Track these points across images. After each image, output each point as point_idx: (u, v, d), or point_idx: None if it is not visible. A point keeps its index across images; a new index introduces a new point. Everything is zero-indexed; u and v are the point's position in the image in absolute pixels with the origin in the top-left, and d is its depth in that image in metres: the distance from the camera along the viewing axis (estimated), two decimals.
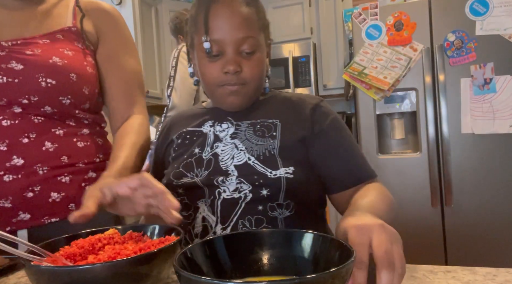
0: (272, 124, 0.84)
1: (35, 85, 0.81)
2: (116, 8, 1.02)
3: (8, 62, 0.80)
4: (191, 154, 0.84)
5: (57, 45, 0.87)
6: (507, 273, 0.56)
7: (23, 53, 0.82)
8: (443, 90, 2.17)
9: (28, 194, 0.80)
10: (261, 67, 0.83)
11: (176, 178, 0.82)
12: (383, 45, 2.28)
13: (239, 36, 0.78)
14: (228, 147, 0.82)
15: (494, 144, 2.11)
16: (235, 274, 0.49)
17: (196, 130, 0.88)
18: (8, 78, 0.79)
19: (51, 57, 0.84)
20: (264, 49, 0.85)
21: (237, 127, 0.85)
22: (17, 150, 0.79)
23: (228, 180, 0.78)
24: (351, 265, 0.39)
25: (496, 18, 2.09)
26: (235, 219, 0.77)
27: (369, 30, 2.30)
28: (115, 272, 0.44)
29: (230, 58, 0.79)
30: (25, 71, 0.81)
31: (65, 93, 0.85)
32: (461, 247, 2.19)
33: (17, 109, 0.81)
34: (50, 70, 0.83)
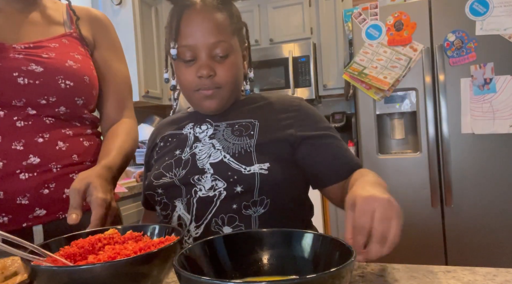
0: (250, 124, 0.86)
1: (55, 87, 0.86)
2: (105, 15, 1.07)
3: (28, 64, 0.84)
4: (172, 155, 0.87)
5: (67, 50, 0.92)
6: (507, 273, 0.56)
7: (40, 56, 0.86)
8: (443, 90, 2.17)
9: (44, 191, 0.84)
10: (235, 71, 0.85)
11: (155, 178, 0.85)
12: (383, 45, 2.28)
13: (211, 41, 0.81)
14: (206, 147, 0.84)
15: (494, 144, 2.11)
16: (235, 274, 0.49)
17: (177, 133, 0.91)
18: (29, 80, 0.83)
19: (66, 60, 0.89)
20: (239, 53, 0.87)
21: (216, 128, 0.87)
22: (33, 149, 0.83)
23: (203, 178, 0.80)
24: (351, 265, 0.39)
25: (496, 18, 2.09)
26: (209, 217, 0.79)
27: (369, 30, 2.30)
28: (115, 272, 0.44)
29: (203, 62, 0.82)
30: (46, 73, 0.85)
31: (80, 95, 0.90)
32: (461, 247, 2.19)
33: (31, 111, 0.84)
34: (67, 72, 0.88)
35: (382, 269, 0.61)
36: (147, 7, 2.93)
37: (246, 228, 0.78)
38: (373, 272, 0.60)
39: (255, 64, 0.97)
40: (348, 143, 2.85)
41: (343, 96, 3.16)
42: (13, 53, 0.84)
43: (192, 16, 0.81)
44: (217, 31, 0.81)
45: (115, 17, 2.76)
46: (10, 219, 0.81)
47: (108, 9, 2.77)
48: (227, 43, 0.82)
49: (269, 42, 3.10)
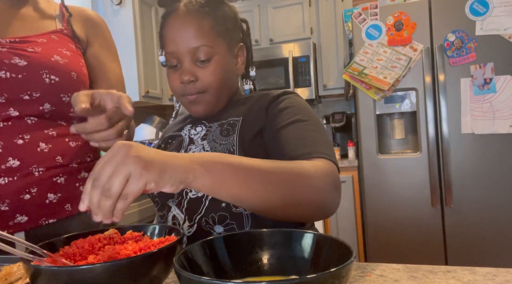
0: (236, 122, 0.85)
1: (39, 81, 0.82)
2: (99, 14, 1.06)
3: (11, 58, 0.80)
4: None
5: (55, 45, 0.88)
6: (507, 273, 0.56)
7: (25, 50, 0.82)
8: (443, 90, 2.17)
9: (25, 196, 0.79)
10: (220, 74, 0.83)
11: None
12: (383, 45, 2.28)
13: (191, 46, 0.81)
14: (198, 149, 0.84)
15: (494, 144, 2.12)
16: (235, 274, 0.49)
17: (176, 135, 0.92)
18: (11, 74, 0.79)
19: (52, 55, 0.85)
20: (226, 55, 0.85)
21: (209, 129, 0.87)
22: (12, 152, 0.78)
23: None
24: (351, 265, 0.39)
25: (496, 18, 2.09)
26: (199, 217, 0.80)
27: (369, 30, 2.30)
28: (115, 272, 0.44)
29: (184, 68, 0.82)
30: (29, 67, 0.81)
31: (66, 91, 0.86)
32: (461, 247, 2.19)
33: (14, 113, 0.80)
34: (53, 67, 0.84)
35: (382, 269, 0.61)
36: (147, 7, 2.93)
37: (238, 225, 0.77)
38: (373, 272, 0.60)
39: (255, 64, 0.96)
40: (348, 143, 2.85)
41: (343, 96, 3.16)
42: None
43: (174, 22, 0.82)
44: (197, 36, 0.81)
45: (115, 17, 2.76)
46: None
47: (108, 9, 2.77)
48: (208, 47, 0.81)
49: (269, 42, 3.10)
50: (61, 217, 0.84)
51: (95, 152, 0.96)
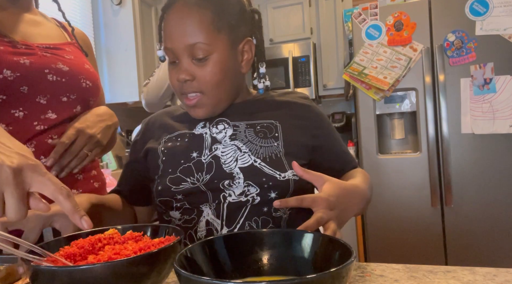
0: (272, 125, 0.84)
1: (77, 85, 0.91)
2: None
3: (56, 63, 0.88)
4: (189, 158, 0.81)
5: (79, 55, 0.97)
6: (507, 273, 0.56)
7: (63, 57, 0.91)
8: (443, 90, 2.17)
9: None
10: (218, 74, 0.78)
11: (174, 184, 0.80)
12: (383, 45, 2.28)
13: (186, 43, 0.76)
14: (229, 149, 0.80)
15: (494, 144, 2.12)
16: (235, 274, 0.49)
17: (187, 132, 0.85)
18: (57, 77, 0.87)
19: (84, 63, 0.95)
20: (227, 51, 0.79)
21: (235, 128, 0.83)
22: (44, 151, 0.84)
23: (235, 183, 0.77)
24: (351, 265, 0.39)
25: (496, 18, 2.09)
26: (241, 221, 0.77)
27: (369, 30, 2.30)
28: (115, 272, 0.44)
29: (181, 66, 0.78)
30: (71, 72, 0.90)
31: (93, 96, 0.95)
32: (461, 247, 2.19)
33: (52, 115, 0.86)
34: (87, 74, 0.93)
35: (382, 269, 0.61)
36: (147, 7, 2.93)
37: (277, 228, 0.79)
38: (373, 272, 0.60)
39: None
40: (348, 143, 2.85)
41: (343, 96, 3.16)
42: (40, 51, 0.87)
43: (172, 16, 0.78)
44: (193, 32, 0.76)
45: (115, 17, 2.76)
46: None
47: (108, 9, 2.77)
48: (205, 44, 0.76)
49: (269, 42, 3.10)
50: None
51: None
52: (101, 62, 2.78)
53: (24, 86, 0.82)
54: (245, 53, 0.84)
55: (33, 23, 0.93)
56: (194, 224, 0.80)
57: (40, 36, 0.92)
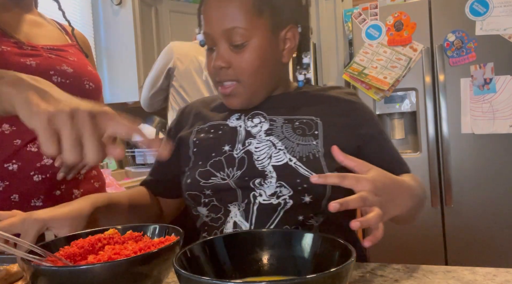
0: (312, 121, 0.77)
1: (81, 87, 0.91)
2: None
3: (61, 65, 0.89)
4: (220, 151, 0.76)
5: (81, 56, 0.97)
6: (507, 273, 0.56)
7: (67, 59, 0.91)
8: (443, 90, 2.17)
9: (56, 192, 0.85)
10: (255, 62, 0.73)
11: (203, 177, 0.75)
12: (383, 45, 2.28)
13: (224, 28, 0.71)
14: (264, 144, 0.75)
15: (494, 144, 2.11)
16: (235, 274, 0.49)
17: (221, 123, 0.81)
18: (62, 79, 0.88)
19: (87, 65, 0.95)
20: (266, 40, 0.74)
21: (272, 122, 0.77)
22: None
23: (266, 182, 0.72)
24: (351, 265, 0.39)
25: (496, 18, 2.09)
26: (271, 227, 0.71)
27: (369, 30, 2.30)
28: (115, 272, 0.44)
29: (217, 52, 0.74)
30: (75, 74, 0.90)
31: (95, 98, 0.95)
32: (461, 247, 2.19)
33: None
34: (90, 75, 0.94)
35: (382, 269, 0.61)
36: (147, 7, 2.93)
37: None
38: (373, 272, 0.60)
39: None
40: None
41: None
42: (45, 53, 0.88)
43: (209, 1, 0.74)
44: (232, 15, 0.71)
45: (115, 17, 2.76)
46: None
47: (108, 9, 2.77)
48: (243, 29, 0.71)
49: None
50: None
51: None
52: (101, 62, 2.78)
53: None
54: (288, 41, 0.77)
55: (35, 24, 0.94)
56: (220, 224, 0.75)
57: (42, 37, 0.92)
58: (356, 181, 0.53)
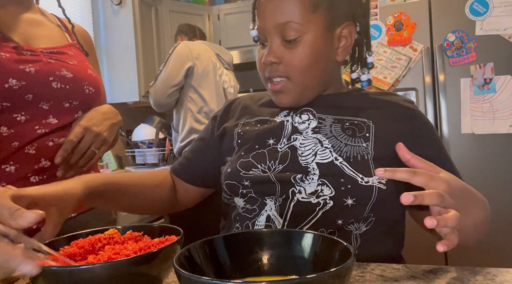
0: (363, 124, 0.73)
1: (80, 92, 0.90)
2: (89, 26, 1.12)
3: (60, 70, 0.87)
4: (264, 144, 0.75)
5: (82, 58, 0.96)
6: (507, 273, 0.56)
7: (67, 63, 0.90)
8: (443, 90, 2.17)
9: None
10: (307, 59, 0.71)
11: (244, 168, 0.74)
12: (383, 45, 2.28)
13: (277, 22, 0.70)
14: (310, 141, 0.72)
15: (494, 144, 2.11)
16: (235, 274, 0.49)
17: (268, 119, 0.79)
18: (61, 85, 0.87)
19: (86, 69, 0.94)
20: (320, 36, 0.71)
21: (321, 121, 0.75)
22: (44, 153, 0.84)
23: (308, 179, 0.69)
24: (351, 265, 0.39)
25: (496, 18, 2.09)
26: (305, 228, 0.68)
27: None
28: (115, 272, 0.44)
29: (269, 47, 0.73)
30: (74, 79, 0.89)
31: (95, 102, 0.94)
32: (461, 247, 2.18)
33: (53, 120, 0.86)
34: (90, 80, 0.93)
35: (382, 269, 0.61)
36: (147, 7, 2.93)
37: None
38: (373, 272, 0.60)
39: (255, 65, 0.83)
40: None
41: None
42: (45, 58, 0.87)
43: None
44: (286, 9, 0.69)
45: (115, 17, 2.76)
46: None
47: (108, 9, 2.77)
48: (297, 24, 0.69)
49: None
50: (80, 211, 0.90)
51: None
52: (101, 62, 2.78)
53: (29, 94, 0.82)
54: (343, 39, 0.75)
55: (34, 23, 0.92)
56: (254, 215, 0.73)
57: (42, 38, 0.91)
58: (430, 179, 0.49)
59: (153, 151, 2.74)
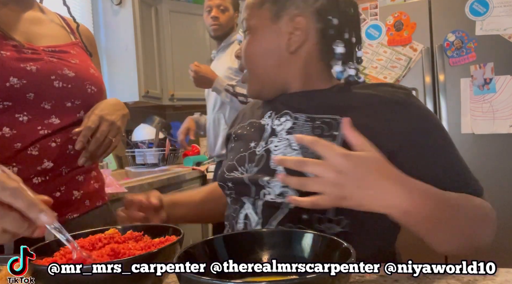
0: (334, 121, 0.70)
1: (82, 91, 0.90)
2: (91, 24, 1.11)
3: (62, 68, 0.87)
4: (247, 147, 0.79)
5: (84, 57, 0.96)
6: (507, 273, 0.56)
7: (69, 62, 0.90)
8: (443, 90, 2.17)
9: (56, 194, 0.85)
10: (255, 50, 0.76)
11: (228, 170, 0.79)
12: (383, 45, 2.28)
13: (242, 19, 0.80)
14: (282, 143, 0.72)
15: (494, 144, 2.12)
16: (235, 274, 0.49)
17: (256, 121, 0.82)
18: (63, 84, 0.86)
19: (89, 68, 0.94)
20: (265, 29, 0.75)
21: (295, 121, 0.74)
22: (47, 154, 0.84)
23: (274, 181, 0.69)
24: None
25: (496, 18, 2.09)
26: (274, 223, 0.70)
27: (369, 30, 2.30)
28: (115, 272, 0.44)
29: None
30: (76, 78, 0.89)
31: (97, 101, 0.93)
32: None
33: (56, 120, 0.85)
34: (92, 79, 0.93)
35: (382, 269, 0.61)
36: (147, 7, 2.93)
37: None
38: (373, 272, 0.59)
39: None
40: None
41: None
42: (46, 56, 0.86)
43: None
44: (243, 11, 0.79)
45: (115, 17, 2.76)
46: None
47: (108, 9, 2.77)
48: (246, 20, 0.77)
49: None
50: (83, 212, 0.90)
51: None
52: (101, 62, 2.76)
53: (30, 93, 0.82)
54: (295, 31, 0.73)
55: (36, 22, 0.92)
56: (236, 214, 0.76)
57: (44, 36, 0.90)
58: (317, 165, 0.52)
59: (153, 151, 2.74)
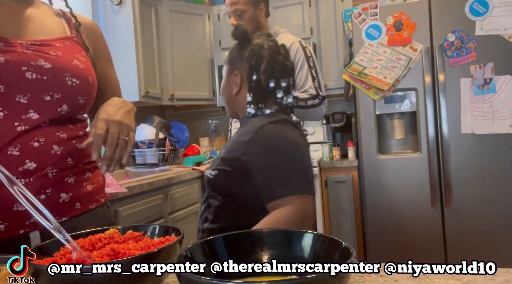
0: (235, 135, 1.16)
1: (61, 84, 0.86)
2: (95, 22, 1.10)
3: (37, 60, 0.84)
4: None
5: (72, 50, 0.92)
6: (507, 273, 0.56)
7: (48, 53, 0.86)
8: (443, 90, 2.17)
9: (40, 197, 0.81)
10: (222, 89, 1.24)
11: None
12: (383, 45, 2.28)
13: None
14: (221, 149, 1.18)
15: (494, 144, 2.12)
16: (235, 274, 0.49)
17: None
18: (37, 75, 0.83)
19: (72, 60, 0.90)
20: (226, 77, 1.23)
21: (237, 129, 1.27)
22: (29, 154, 0.81)
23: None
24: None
25: (496, 18, 2.09)
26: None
27: (369, 30, 2.30)
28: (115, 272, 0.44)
29: None
30: (53, 69, 0.85)
31: (83, 94, 0.90)
32: (461, 247, 2.19)
33: (34, 115, 0.82)
34: (74, 71, 0.89)
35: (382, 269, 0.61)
36: (147, 7, 2.93)
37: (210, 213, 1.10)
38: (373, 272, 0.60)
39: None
40: (348, 143, 2.85)
41: (343, 96, 3.16)
42: (21, 48, 0.83)
43: None
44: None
45: (115, 17, 2.76)
46: (7, 226, 0.79)
47: (108, 9, 2.77)
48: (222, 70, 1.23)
49: None
50: (72, 215, 0.87)
51: None
52: None
53: (0, 86, 0.79)
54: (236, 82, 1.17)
55: (31, 19, 0.90)
56: None
57: (35, 32, 0.89)
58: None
59: (153, 151, 2.74)
